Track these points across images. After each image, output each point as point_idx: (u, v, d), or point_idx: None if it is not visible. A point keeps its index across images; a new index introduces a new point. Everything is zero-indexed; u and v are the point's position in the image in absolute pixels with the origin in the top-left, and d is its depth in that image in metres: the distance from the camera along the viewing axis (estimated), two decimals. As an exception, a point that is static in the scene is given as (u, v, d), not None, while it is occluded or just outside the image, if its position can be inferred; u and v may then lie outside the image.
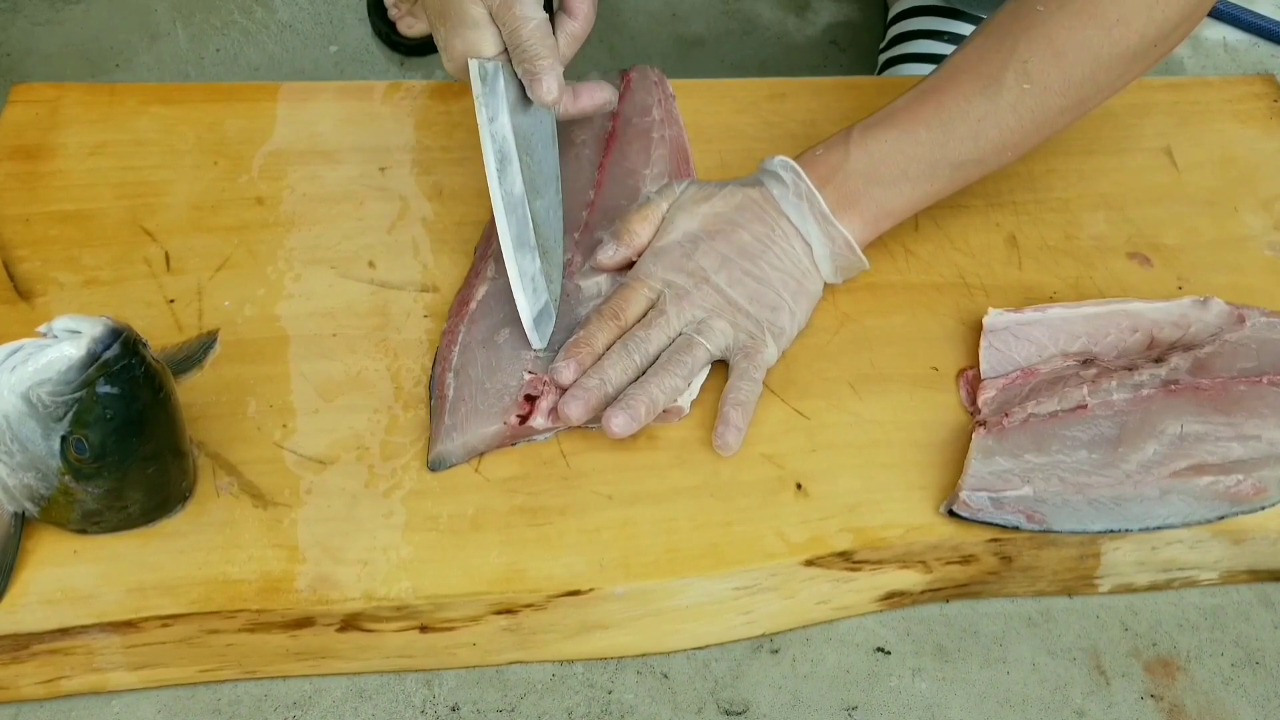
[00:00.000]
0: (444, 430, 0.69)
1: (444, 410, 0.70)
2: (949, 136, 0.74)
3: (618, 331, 0.72)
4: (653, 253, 0.75)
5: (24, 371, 0.58)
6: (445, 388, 0.71)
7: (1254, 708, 0.69)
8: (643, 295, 0.74)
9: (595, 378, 0.69)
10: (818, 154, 0.76)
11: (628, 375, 0.70)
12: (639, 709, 0.67)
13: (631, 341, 0.71)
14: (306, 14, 1.15)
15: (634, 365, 0.71)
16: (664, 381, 0.70)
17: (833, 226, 0.75)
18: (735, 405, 0.70)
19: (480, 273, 0.76)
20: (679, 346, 0.72)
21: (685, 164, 0.85)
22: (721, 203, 0.76)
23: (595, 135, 0.83)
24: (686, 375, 0.71)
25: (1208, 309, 0.76)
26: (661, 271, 0.74)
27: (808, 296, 0.76)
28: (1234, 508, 0.70)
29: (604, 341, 0.71)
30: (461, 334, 0.73)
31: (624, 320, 0.73)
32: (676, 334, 0.72)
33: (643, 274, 0.74)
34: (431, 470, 0.68)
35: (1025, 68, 0.72)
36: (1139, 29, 0.71)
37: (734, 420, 0.70)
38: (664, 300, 0.73)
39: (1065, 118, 0.75)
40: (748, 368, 0.72)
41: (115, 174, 0.82)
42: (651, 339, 0.72)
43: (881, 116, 0.76)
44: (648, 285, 0.74)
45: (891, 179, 0.75)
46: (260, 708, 0.66)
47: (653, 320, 0.72)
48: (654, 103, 0.86)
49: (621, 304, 0.73)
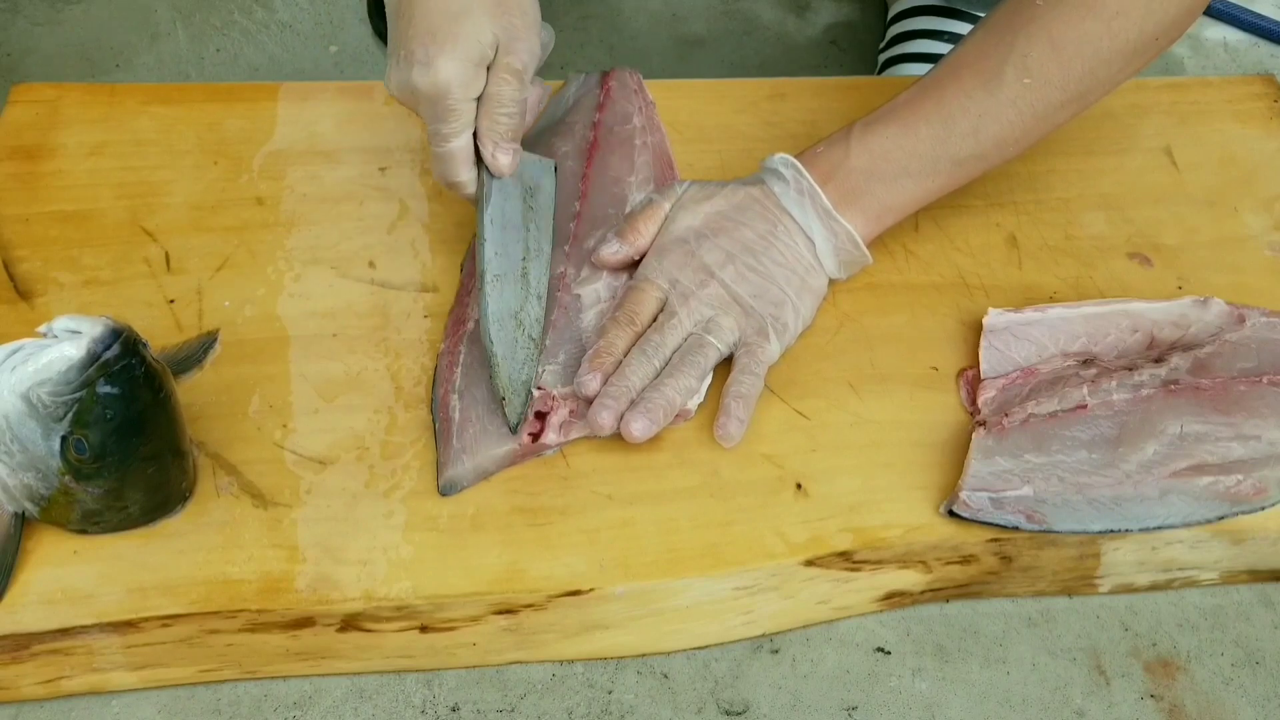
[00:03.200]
0: (453, 454, 0.68)
1: (450, 433, 0.69)
2: (950, 132, 0.74)
3: (634, 336, 0.73)
4: (657, 251, 0.76)
5: (24, 371, 0.58)
6: (450, 410, 0.70)
7: (1254, 708, 0.69)
8: (652, 296, 0.74)
9: (620, 384, 0.70)
10: (818, 151, 0.76)
11: (648, 379, 0.71)
12: (639, 709, 0.67)
13: (649, 345, 0.72)
14: (306, 14, 1.15)
15: (654, 369, 0.71)
16: (679, 382, 0.70)
17: (835, 221, 0.75)
18: (737, 397, 0.71)
19: (473, 291, 0.76)
20: (690, 346, 0.72)
21: (669, 170, 0.85)
22: (723, 201, 0.76)
23: (577, 146, 0.83)
24: (699, 375, 0.71)
25: (1208, 309, 0.76)
26: (667, 270, 0.74)
27: (812, 292, 0.76)
28: (1234, 508, 0.70)
29: (623, 347, 0.72)
30: (462, 355, 0.72)
31: (639, 324, 0.73)
32: (688, 333, 0.73)
33: (649, 274, 0.75)
34: (443, 495, 0.68)
35: (1025, 63, 0.72)
36: (1138, 23, 0.72)
37: (735, 411, 0.70)
38: (672, 300, 0.73)
39: (1065, 112, 0.75)
40: (749, 362, 0.72)
41: (115, 174, 0.82)
42: (667, 341, 0.72)
43: (882, 113, 0.76)
44: (656, 285, 0.74)
45: (893, 175, 0.75)
46: (260, 708, 0.66)
47: (665, 322, 0.73)
48: (634, 110, 0.86)
49: (635, 307, 0.73)
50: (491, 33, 0.68)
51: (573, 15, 1.16)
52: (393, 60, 0.69)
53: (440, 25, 0.67)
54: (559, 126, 0.85)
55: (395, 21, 0.69)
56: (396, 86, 0.69)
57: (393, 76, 0.69)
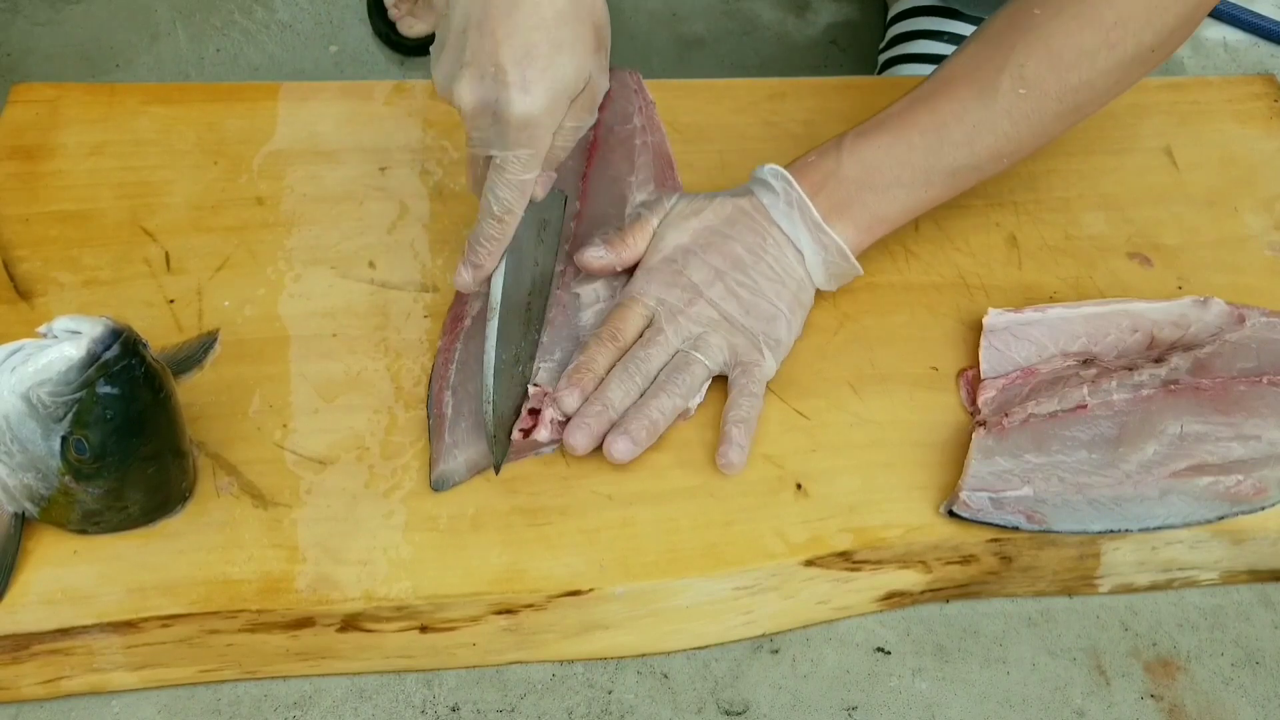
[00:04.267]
0: (445, 449, 0.68)
1: (443, 429, 0.69)
2: (943, 142, 0.73)
3: (617, 353, 0.72)
4: (644, 271, 0.75)
5: (24, 372, 0.58)
6: (443, 406, 0.70)
7: (1254, 708, 0.69)
8: (638, 314, 0.73)
9: (598, 404, 0.69)
10: (809, 161, 0.75)
11: (630, 397, 0.70)
12: (639, 709, 0.67)
13: (632, 363, 0.71)
14: (306, 14, 1.15)
15: (636, 387, 0.70)
16: (663, 403, 0.69)
17: (825, 234, 0.74)
18: (737, 423, 0.70)
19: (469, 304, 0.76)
20: (676, 365, 0.71)
21: (669, 169, 0.85)
22: (711, 215, 0.75)
23: (578, 146, 0.83)
24: (685, 394, 0.70)
25: (1208, 309, 0.76)
26: (654, 289, 0.73)
27: (803, 306, 0.76)
28: (1234, 508, 0.70)
29: (604, 365, 0.71)
30: (458, 351, 0.72)
31: (623, 341, 0.72)
32: (675, 351, 0.72)
33: (636, 292, 0.74)
34: (435, 490, 0.68)
35: (1021, 73, 0.71)
36: (1136, 34, 0.71)
37: (736, 439, 0.69)
38: (659, 318, 0.72)
39: (1062, 123, 0.74)
40: (747, 383, 0.71)
41: (115, 174, 0.82)
42: (652, 358, 0.71)
43: (875, 122, 0.75)
44: (642, 304, 0.73)
45: (884, 185, 0.74)
46: (260, 708, 0.66)
47: (651, 339, 0.72)
48: (634, 110, 0.86)
49: (619, 325, 0.72)
50: (587, 68, 0.65)
51: (573, 15, 1.16)
52: (470, 70, 0.63)
53: (541, 51, 0.62)
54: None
55: (472, 31, 0.63)
56: (472, 99, 0.63)
57: (468, 89, 0.63)
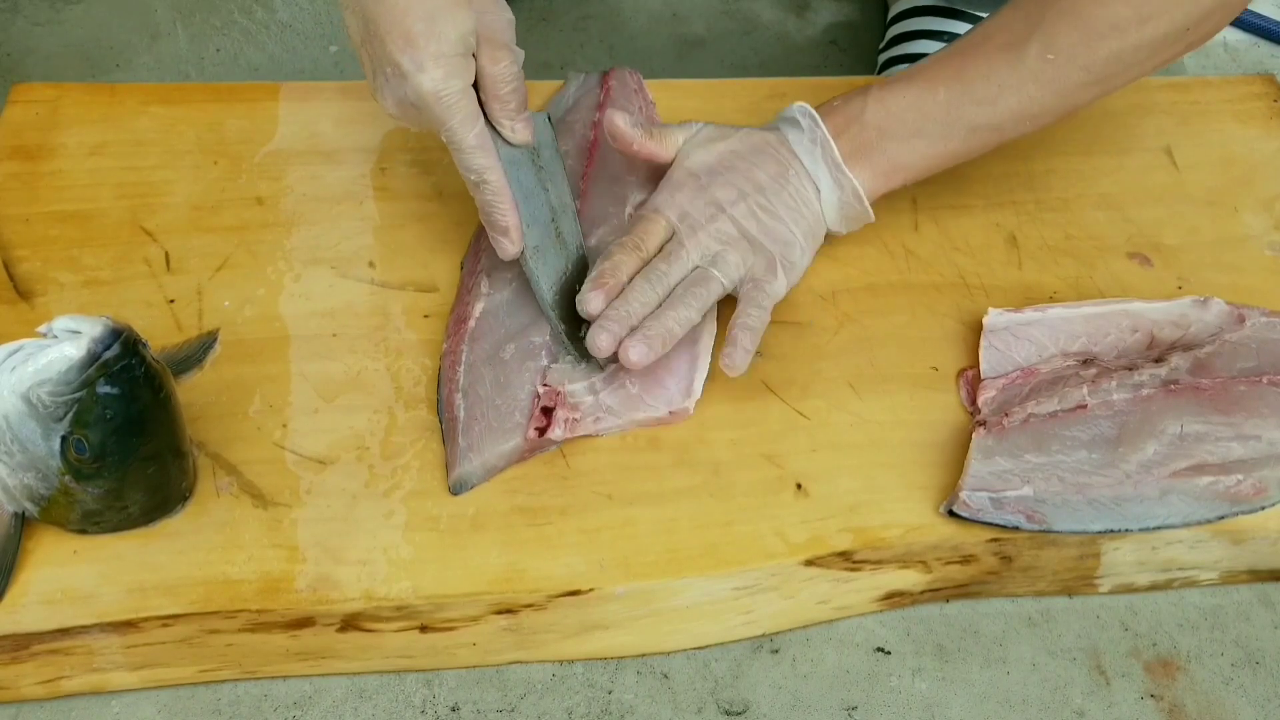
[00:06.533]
0: (460, 453, 0.69)
1: (457, 432, 0.69)
2: (967, 98, 0.74)
3: (640, 262, 0.73)
4: (669, 184, 0.76)
5: (24, 372, 0.58)
6: (455, 409, 0.70)
7: (1254, 708, 0.69)
8: (661, 226, 0.74)
9: (621, 309, 0.70)
10: (835, 105, 0.77)
11: (648, 308, 0.71)
12: (639, 709, 0.67)
13: (653, 274, 0.72)
14: (306, 14, 1.15)
15: (656, 297, 0.71)
16: (680, 314, 0.71)
17: (843, 174, 0.75)
18: (744, 328, 0.71)
19: (473, 289, 0.76)
20: (694, 279, 0.72)
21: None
22: (738, 142, 0.77)
23: (577, 145, 0.83)
24: (700, 307, 0.72)
25: (1208, 309, 0.76)
26: (678, 202, 0.75)
27: (815, 240, 0.77)
28: (1234, 508, 0.70)
29: (627, 272, 0.72)
30: (465, 353, 0.73)
31: (645, 251, 0.73)
32: (693, 267, 0.73)
33: (660, 204, 0.75)
34: (454, 494, 0.68)
35: (1052, 39, 0.72)
36: (1169, 11, 0.72)
37: (742, 341, 0.70)
38: (680, 232, 0.74)
39: (1088, 93, 0.75)
40: (758, 295, 0.72)
41: (115, 174, 0.82)
42: (671, 272, 0.72)
43: (904, 74, 0.77)
44: (665, 216, 0.75)
45: (906, 134, 0.75)
46: (260, 708, 0.66)
47: (671, 252, 0.73)
48: (634, 110, 0.86)
49: (642, 235, 0.74)
50: (469, 20, 0.67)
51: (573, 15, 1.16)
52: (380, 82, 0.68)
53: (417, 30, 0.66)
54: (559, 126, 0.85)
55: (367, 45, 0.68)
56: (395, 104, 0.69)
57: (388, 96, 0.68)
